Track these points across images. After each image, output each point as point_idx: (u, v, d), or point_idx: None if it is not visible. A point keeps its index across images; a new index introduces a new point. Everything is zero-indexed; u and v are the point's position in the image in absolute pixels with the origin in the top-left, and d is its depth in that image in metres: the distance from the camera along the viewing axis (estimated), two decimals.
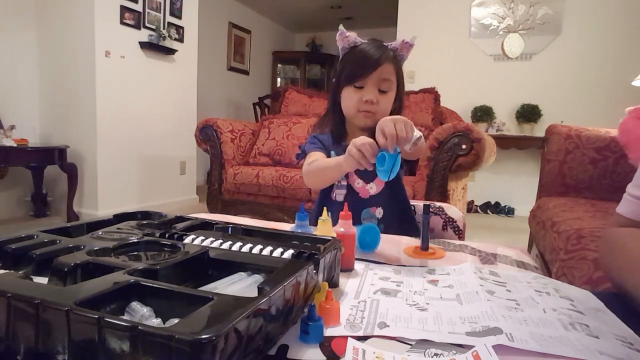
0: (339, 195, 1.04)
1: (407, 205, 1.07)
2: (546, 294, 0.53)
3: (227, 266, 0.47)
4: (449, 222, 1.06)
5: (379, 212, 1.03)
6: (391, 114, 1.05)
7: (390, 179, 0.73)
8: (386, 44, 1.01)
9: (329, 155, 1.07)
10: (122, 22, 2.96)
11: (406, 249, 0.75)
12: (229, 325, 0.29)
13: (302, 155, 1.13)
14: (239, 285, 0.44)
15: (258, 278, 0.45)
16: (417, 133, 0.77)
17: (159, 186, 3.42)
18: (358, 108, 0.99)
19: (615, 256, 0.57)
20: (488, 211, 3.88)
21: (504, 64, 3.82)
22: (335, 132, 1.09)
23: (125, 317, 0.34)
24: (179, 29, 3.45)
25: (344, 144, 1.07)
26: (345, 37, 1.02)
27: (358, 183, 1.04)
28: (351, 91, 1.00)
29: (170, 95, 3.45)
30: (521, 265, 0.70)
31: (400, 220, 1.04)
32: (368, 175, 1.04)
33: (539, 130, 3.56)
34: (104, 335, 0.29)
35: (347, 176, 1.04)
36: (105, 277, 0.38)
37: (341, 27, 1.02)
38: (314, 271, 0.45)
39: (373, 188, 1.04)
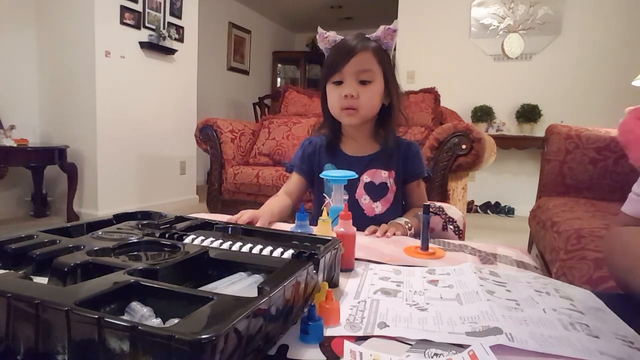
0: None
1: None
2: (546, 294, 0.53)
3: (227, 266, 0.47)
4: (449, 222, 1.06)
5: None
6: (385, 110, 1.00)
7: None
8: (368, 36, 0.96)
9: (315, 168, 1.05)
10: (122, 22, 2.96)
11: (406, 249, 0.75)
12: (229, 325, 0.29)
13: (290, 168, 1.12)
14: (239, 285, 0.44)
15: (258, 278, 0.45)
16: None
17: (159, 186, 3.42)
18: (340, 105, 0.94)
19: (620, 255, 0.57)
20: (488, 211, 3.87)
21: (504, 64, 3.82)
22: (330, 136, 1.06)
23: (125, 317, 0.34)
24: (179, 29, 3.45)
25: (338, 152, 1.05)
26: (325, 38, 0.98)
27: (365, 199, 1.02)
28: (332, 88, 0.96)
29: (170, 95, 3.45)
30: (521, 265, 0.70)
31: None
32: (376, 193, 1.01)
33: (539, 130, 3.56)
34: (104, 335, 0.29)
35: (354, 190, 1.01)
36: (105, 277, 0.38)
37: (319, 29, 0.99)
38: (314, 271, 0.45)
39: (379, 207, 1.01)
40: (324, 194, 1.04)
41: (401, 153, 1.04)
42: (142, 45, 3.12)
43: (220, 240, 0.53)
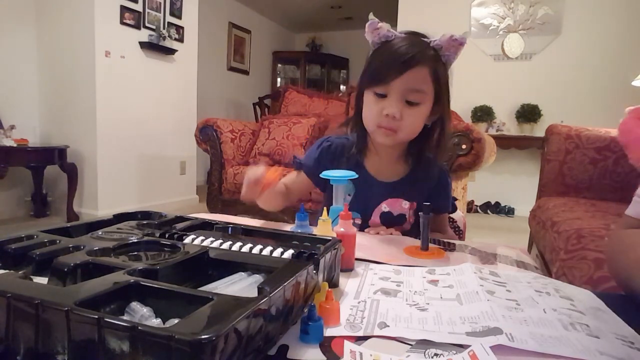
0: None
1: None
2: (546, 294, 0.53)
3: (227, 266, 0.47)
4: (449, 222, 1.06)
5: None
6: (425, 133, 0.87)
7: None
8: (428, 40, 0.81)
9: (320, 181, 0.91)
10: (122, 22, 2.96)
11: (406, 249, 0.75)
12: (229, 326, 0.29)
13: (299, 167, 1.00)
14: (239, 285, 0.44)
15: (258, 278, 0.45)
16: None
17: (159, 186, 3.42)
18: (378, 123, 0.82)
19: (623, 256, 0.57)
20: (488, 211, 3.88)
21: (504, 64, 3.82)
22: (355, 149, 0.92)
23: (125, 317, 0.34)
24: (179, 29, 3.45)
25: (360, 169, 0.90)
26: (376, 30, 0.82)
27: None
28: (371, 100, 0.82)
29: (170, 95, 3.45)
30: (521, 265, 0.70)
31: None
32: (391, 224, 0.93)
33: (539, 130, 3.56)
34: (104, 336, 0.29)
35: (369, 217, 0.92)
36: (105, 277, 0.38)
37: (371, 16, 0.84)
38: (314, 271, 0.45)
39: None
40: None
41: (429, 182, 0.93)
42: (142, 45, 3.12)
43: (220, 240, 0.53)
